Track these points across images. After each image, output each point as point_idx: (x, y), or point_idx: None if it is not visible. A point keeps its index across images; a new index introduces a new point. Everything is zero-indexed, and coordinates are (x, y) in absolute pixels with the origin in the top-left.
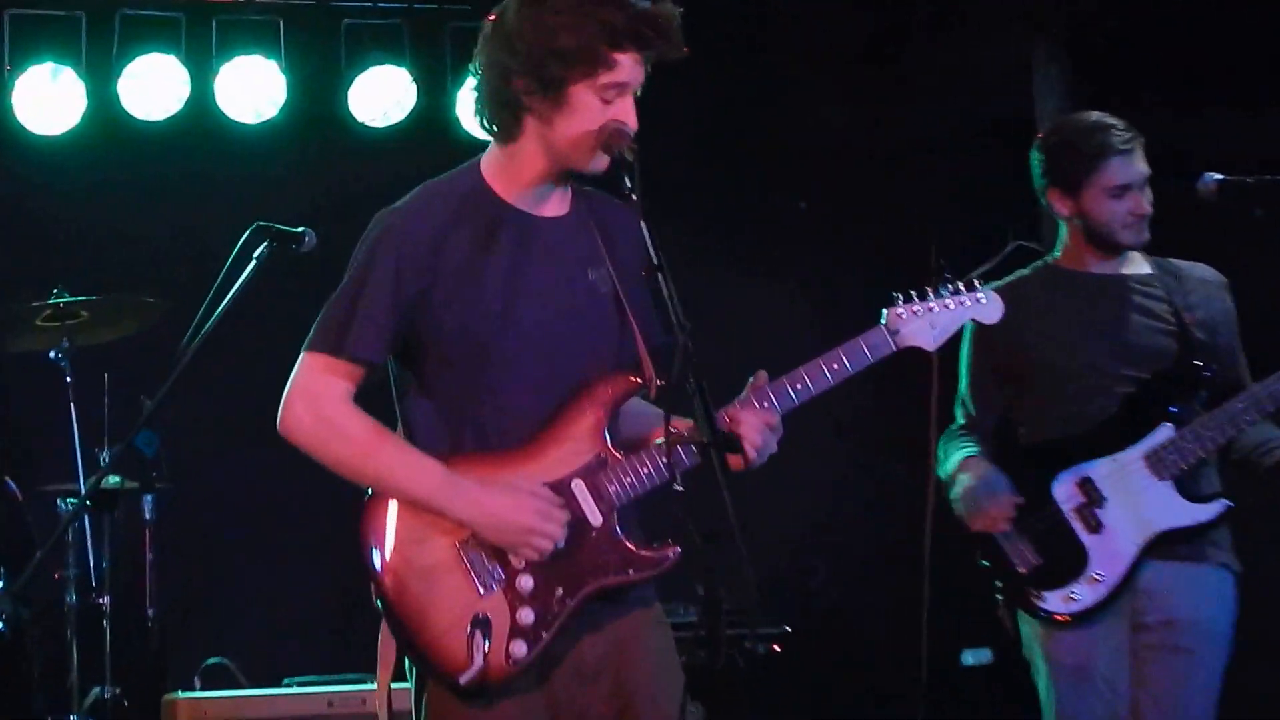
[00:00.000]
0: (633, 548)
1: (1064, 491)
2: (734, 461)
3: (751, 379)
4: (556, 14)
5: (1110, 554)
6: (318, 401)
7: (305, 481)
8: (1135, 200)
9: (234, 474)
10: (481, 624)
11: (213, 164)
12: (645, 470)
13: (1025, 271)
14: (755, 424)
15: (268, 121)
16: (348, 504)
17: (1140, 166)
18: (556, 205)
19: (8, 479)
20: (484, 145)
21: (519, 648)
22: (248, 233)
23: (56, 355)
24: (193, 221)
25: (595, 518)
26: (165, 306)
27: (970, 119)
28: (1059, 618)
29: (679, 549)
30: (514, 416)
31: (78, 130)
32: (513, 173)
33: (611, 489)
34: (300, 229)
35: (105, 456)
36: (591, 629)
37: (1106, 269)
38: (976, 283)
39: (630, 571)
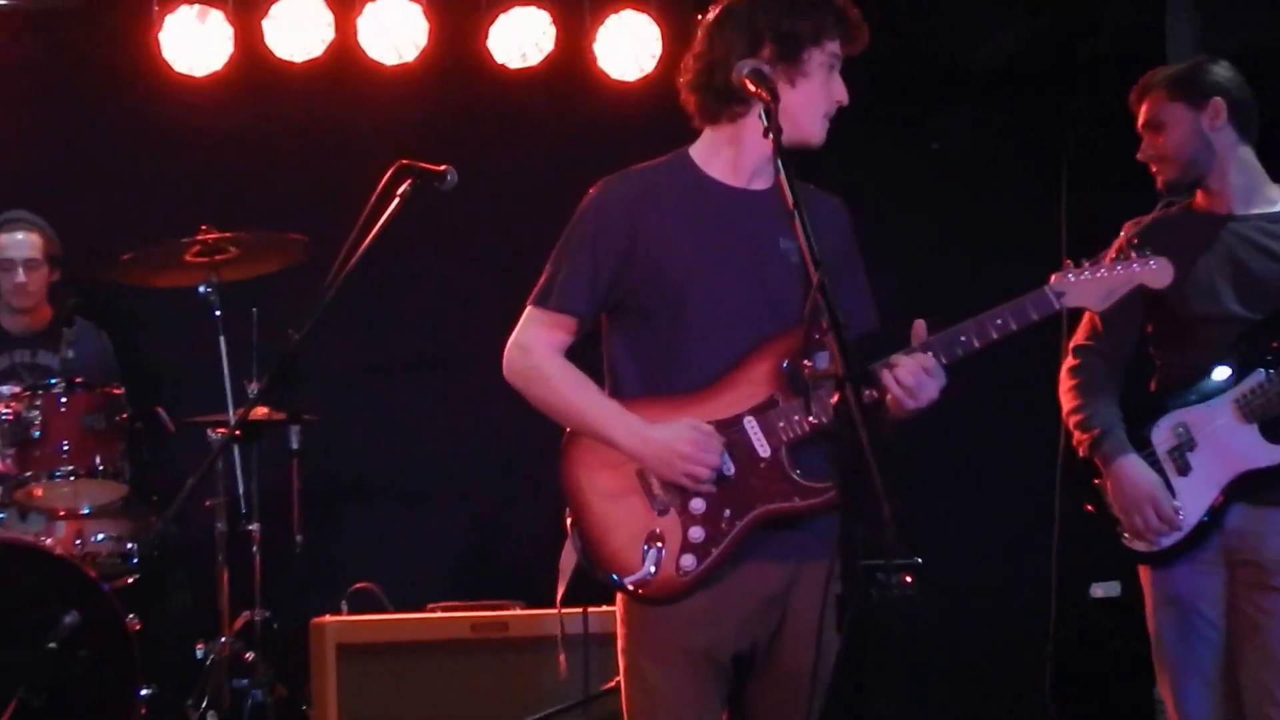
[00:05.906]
0: (799, 479)
1: (1160, 435)
2: (894, 406)
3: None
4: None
5: (1193, 496)
6: (525, 349)
7: (446, 414)
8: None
9: (377, 406)
10: (656, 539)
11: (356, 104)
12: (814, 409)
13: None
14: (912, 367)
15: (409, 62)
16: (487, 435)
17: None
18: (759, 182)
19: (160, 410)
20: (622, 88)
21: (688, 561)
22: (391, 171)
23: (206, 290)
24: (337, 160)
25: (764, 450)
26: (311, 243)
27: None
28: (1144, 556)
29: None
30: (700, 364)
31: (225, 71)
32: (728, 154)
33: (780, 425)
34: (442, 167)
35: (254, 389)
36: (777, 559)
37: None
38: (1148, 250)
39: (796, 499)
